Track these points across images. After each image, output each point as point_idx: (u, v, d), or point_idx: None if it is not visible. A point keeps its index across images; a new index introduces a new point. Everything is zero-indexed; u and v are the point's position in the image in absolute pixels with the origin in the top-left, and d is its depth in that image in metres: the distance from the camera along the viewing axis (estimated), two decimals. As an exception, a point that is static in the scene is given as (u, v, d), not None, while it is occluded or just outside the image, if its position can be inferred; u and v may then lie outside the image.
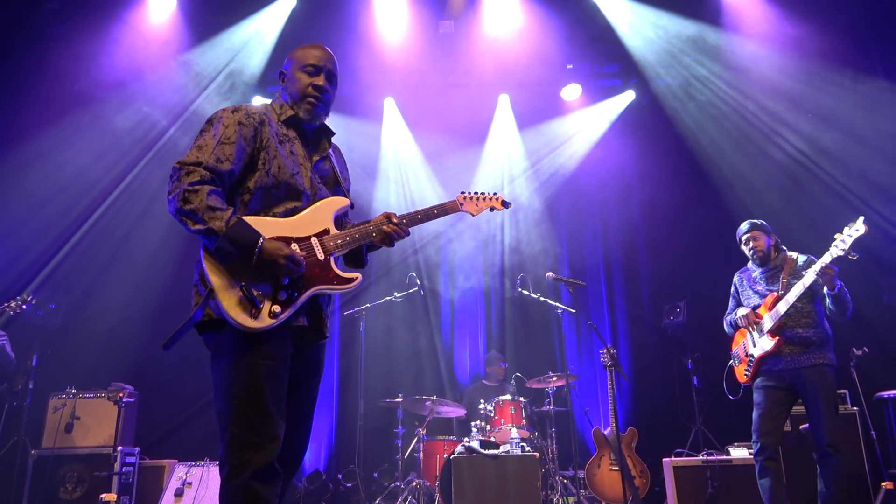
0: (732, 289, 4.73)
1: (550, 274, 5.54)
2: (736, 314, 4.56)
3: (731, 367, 4.65)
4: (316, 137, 2.60)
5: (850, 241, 3.95)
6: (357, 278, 2.38)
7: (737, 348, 4.56)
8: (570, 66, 8.04)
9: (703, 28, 7.11)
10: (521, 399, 6.34)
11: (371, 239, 2.51)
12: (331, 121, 2.64)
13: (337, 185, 2.60)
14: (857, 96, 6.85)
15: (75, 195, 7.04)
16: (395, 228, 2.53)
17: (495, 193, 2.92)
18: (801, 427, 5.28)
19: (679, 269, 7.84)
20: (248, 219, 2.21)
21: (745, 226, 4.57)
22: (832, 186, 7.06)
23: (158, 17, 6.81)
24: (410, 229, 2.61)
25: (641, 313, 8.28)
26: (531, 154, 8.74)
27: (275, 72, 7.93)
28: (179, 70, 7.23)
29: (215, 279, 2.15)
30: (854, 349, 5.60)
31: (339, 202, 2.48)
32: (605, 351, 5.46)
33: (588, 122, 8.61)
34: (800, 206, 7.16)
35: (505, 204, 2.92)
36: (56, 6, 6.65)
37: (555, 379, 6.52)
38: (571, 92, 8.26)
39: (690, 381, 7.02)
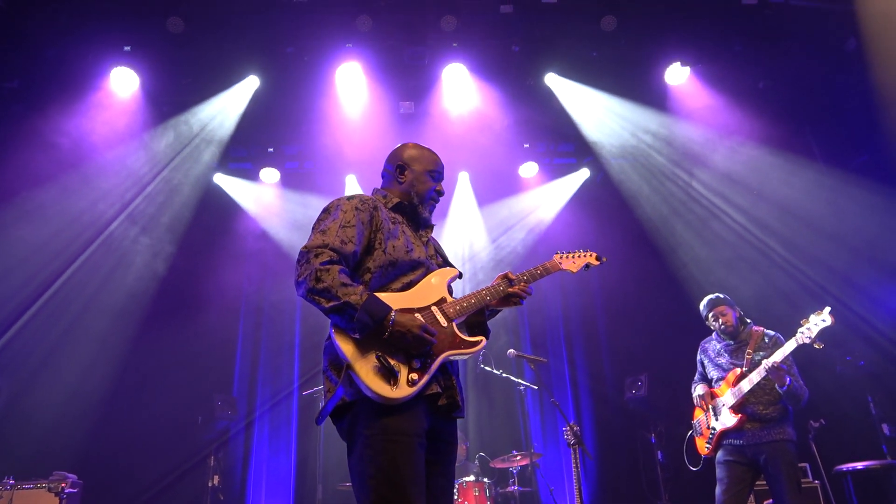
0: (697, 357, 4.74)
1: (512, 351, 5.52)
2: (694, 390, 4.58)
3: (692, 437, 4.62)
4: (418, 224, 2.73)
5: (815, 329, 4.02)
6: (482, 341, 2.44)
7: (698, 419, 4.54)
8: (526, 146, 8.30)
9: (650, 112, 7.46)
10: (485, 480, 6.18)
11: (487, 303, 2.58)
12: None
13: (443, 261, 2.73)
14: (794, 178, 7.19)
15: (24, 277, 6.81)
16: (522, 288, 2.64)
17: (588, 249, 3.01)
18: (764, 502, 5.24)
19: (639, 343, 7.90)
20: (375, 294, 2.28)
21: (709, 300, 4.55)
22: (783, 266, 7.29)
23: (121, 94, 6.74)
24: None
25: (604, 388, 8.26)
26: (491, 230, 8.88)
27: (237, 150, 7.98)
28: (139, 151, 7.21)
29: (350, 354, 2.19)
30: (811, 421, 5.64)
31: (451, 272, 2.62)
32: (568, 428, 5.38)
33: (546, 199, 8.82)
34: (753, 284, 7.33)
35: (599, 258, 3.00)
36: (15, 85, 6.64)
37: (519, 458, 6.39)
38: (529, 170, 8.52)
39: (654, 456, 6.96)
